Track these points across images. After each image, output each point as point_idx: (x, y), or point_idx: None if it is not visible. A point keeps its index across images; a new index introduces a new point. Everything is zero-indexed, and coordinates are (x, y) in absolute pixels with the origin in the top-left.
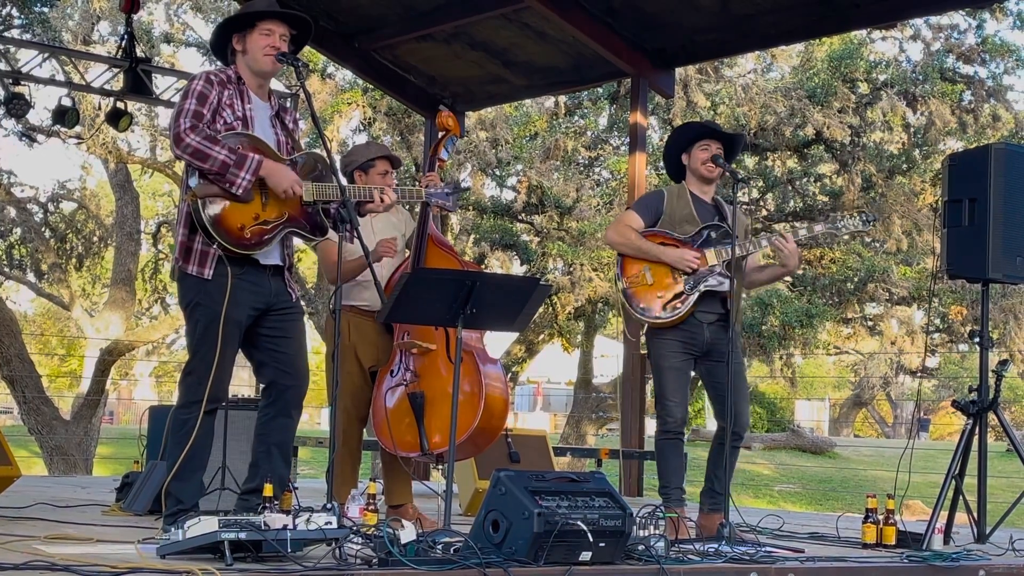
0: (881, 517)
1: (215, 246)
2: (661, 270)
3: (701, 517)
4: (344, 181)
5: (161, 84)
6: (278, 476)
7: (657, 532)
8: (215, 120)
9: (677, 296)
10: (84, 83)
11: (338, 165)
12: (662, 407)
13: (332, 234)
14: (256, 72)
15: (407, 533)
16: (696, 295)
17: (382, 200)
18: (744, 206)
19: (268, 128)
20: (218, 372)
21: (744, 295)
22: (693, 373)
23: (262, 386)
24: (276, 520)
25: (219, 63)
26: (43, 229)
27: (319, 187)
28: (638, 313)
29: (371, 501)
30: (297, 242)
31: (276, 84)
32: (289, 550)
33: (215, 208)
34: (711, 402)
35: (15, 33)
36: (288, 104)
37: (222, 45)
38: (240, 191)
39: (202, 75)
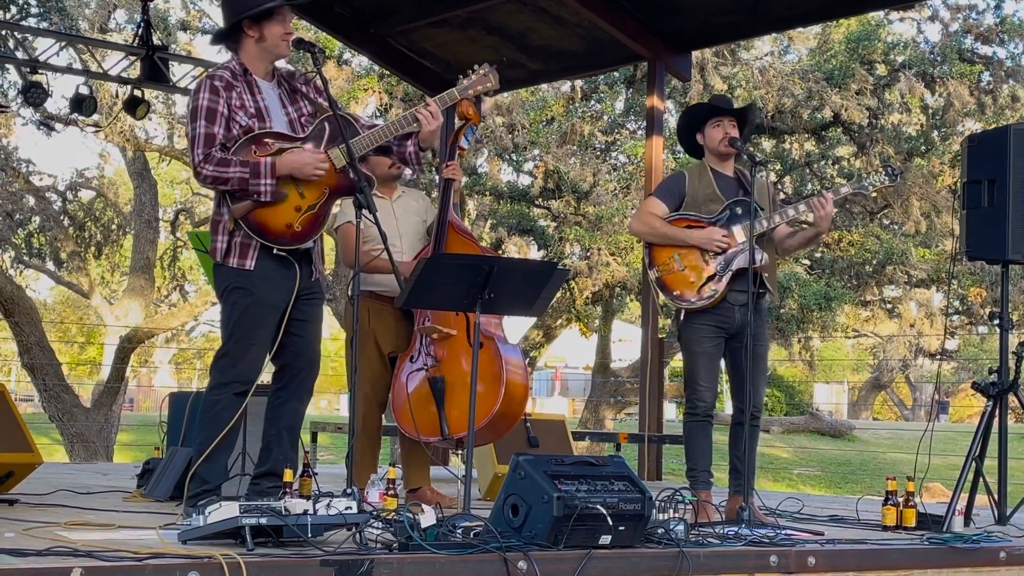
0: (901, 499)
1: (257, 240)
2: (690, 254)
3: (730, 499)
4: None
5: (178, 72)
6: (287, 460)
7: (677, 516)
8: (229, 129)
9: (710, 279)
10: (101, 71)
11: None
12: (692, 391)
13: (351, 215)
14: (273, 58)
15: (427, 518)
16: (729, 275)
17: (431, 115)
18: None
19: (279, 111)
20: (253, 355)
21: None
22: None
23: (275, 368)
24: (297, 505)
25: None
26: (62, 217)
27: (345, 149)
28: (673, 301)
29: (391, 486)
30: None
31: None
32: (310, 535)
33: (256, 219)
34: (730, 382)
35: (32, 22)
36: (292, 69)
37: (229, 32)
38: (268, 197)
39: (205, 85)
